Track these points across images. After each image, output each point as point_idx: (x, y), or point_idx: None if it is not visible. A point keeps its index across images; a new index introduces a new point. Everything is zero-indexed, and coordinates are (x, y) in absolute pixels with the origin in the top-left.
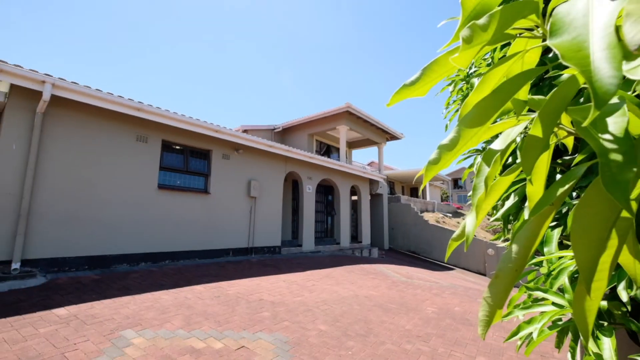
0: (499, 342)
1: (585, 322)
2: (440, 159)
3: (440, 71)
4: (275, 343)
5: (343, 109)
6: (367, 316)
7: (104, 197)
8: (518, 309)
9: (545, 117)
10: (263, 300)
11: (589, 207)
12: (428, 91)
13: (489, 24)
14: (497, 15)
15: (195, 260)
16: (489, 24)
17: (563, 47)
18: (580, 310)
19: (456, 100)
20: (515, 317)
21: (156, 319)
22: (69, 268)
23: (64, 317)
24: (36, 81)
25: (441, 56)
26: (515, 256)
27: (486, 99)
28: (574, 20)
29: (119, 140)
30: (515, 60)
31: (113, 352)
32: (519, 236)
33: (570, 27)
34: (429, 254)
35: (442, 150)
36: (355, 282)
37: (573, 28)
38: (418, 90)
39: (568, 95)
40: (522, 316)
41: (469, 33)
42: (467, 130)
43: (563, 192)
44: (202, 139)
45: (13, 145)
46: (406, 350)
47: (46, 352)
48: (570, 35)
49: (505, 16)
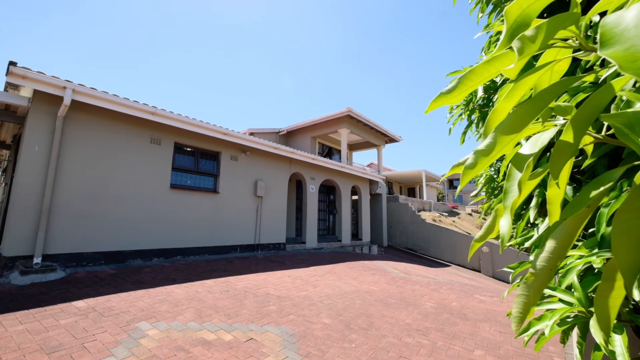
0: (495, 336)
1: (607, 319)
2: (476, 164)
3: (476, 80)
4: (282, 335)
5: (344, 113)
6: (369, 310)
7: (119, 196)
8: None
9: (578, 123)
10: (269, 294)
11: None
12: (463, 98)
13: (537, 35)
14: (544, 27)
15: (204, 256)
16: (536, 35)
17: (618, 57)
18: (602, 308)
19: (459, 106)
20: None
21: (169, 311)
22: (86, 263)
23: (83, 309)
24: (58, 87)
25: (478, 65)
26: (551, 256)
27: (523, 107)
28: (625, 31)
29: (134, 142)
30: (546, 70)
31: (129, 343)
32: (554, 236)
33: (622, 37)
34: (426, 251)
35: (478, 155)
36: (357, 277)
37: (625, 39)
38: (454, 98)
39: (602, 103)
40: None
41: (520, 44)
42: (503, 136)
43: (598, 194)
44: (211, 141)
45: (35, 147)
46: (407, 343)
47: (66, 342)
48: (623, 45)
49: (550, 27)
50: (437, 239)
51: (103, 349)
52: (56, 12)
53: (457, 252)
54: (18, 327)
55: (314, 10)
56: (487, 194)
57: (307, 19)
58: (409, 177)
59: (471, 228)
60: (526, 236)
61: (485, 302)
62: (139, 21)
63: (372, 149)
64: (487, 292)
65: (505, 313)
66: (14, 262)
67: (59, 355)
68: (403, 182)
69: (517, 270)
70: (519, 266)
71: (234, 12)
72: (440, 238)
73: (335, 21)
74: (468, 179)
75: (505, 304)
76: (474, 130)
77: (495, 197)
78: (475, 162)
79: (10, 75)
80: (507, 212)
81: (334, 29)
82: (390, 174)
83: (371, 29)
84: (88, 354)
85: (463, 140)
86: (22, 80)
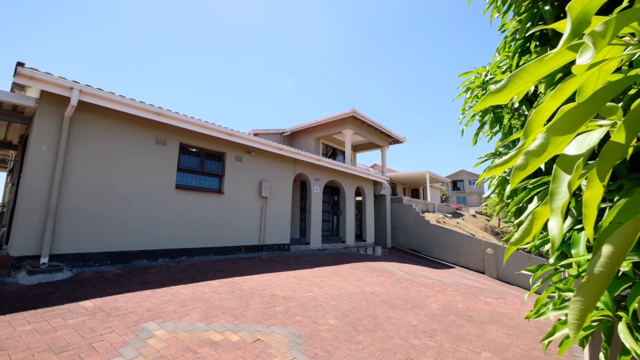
0: (502, 338)
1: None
2: (527, 165)
3: (528, 78)
4: (289, 337)
5: (349, 114)
6: (374, 312)
7: (125, 196)
8: (550, 310)
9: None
10: (275, 295)
11: None
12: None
13: (606, 31)
14: (613, 22)
15: (209, 256)
16: (606, 31)
17: None
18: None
19: (472, 107)
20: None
21: (176, 312)
22: (92, 263)
23: (90, 309)
24: (65, 87)
25: (530, 64)
26: (608, 261)
27: (579, 107)
28: None
29: (140, 143)
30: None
31: (137, 343)
32: (611, 241)
33: None
34: (430, 253)
35: (529, 156)
36: (361, 279)
37: None
38: (503, 97)
39: None
40: (552, 317)
41: (592, 39)
42: (556, 137)
43: None
44: (217, 142)
45: (43, 147)
46: (414, 345)
47: (75, 342)
48: None
49: (619, 23)
50: (441, 241)
51: (111, 349)
52: (57, 11)
53: (461, 253)
54: (26, 326)
55: (316, 10)
56: (499, 195)
57: (310, 20)
58: (412, 178)
59: (475, 230)
60: (545, 239)
61: (491, 304)
62: (142, 22)
63: (376, 150)
64: (493, 294)
65: (510, 315)
66: (21, 261)
67: (67, 355)
68: (407, 183)
69: (538, 274)
70: (538, 269)
71: (237, 13)
72: (444, 239)
73: (338, 22)
74: (518, 180)
75: (510, 306)
76: (486, 131)
77: (507, 199)
78: (526, 163)
79: (18, 76)
80: (557, 214)
81: (337, 30)
82: (394, 175)
83: (374, 29)
84: (96, 354)
85: (475, 141)
86: (29, 80)
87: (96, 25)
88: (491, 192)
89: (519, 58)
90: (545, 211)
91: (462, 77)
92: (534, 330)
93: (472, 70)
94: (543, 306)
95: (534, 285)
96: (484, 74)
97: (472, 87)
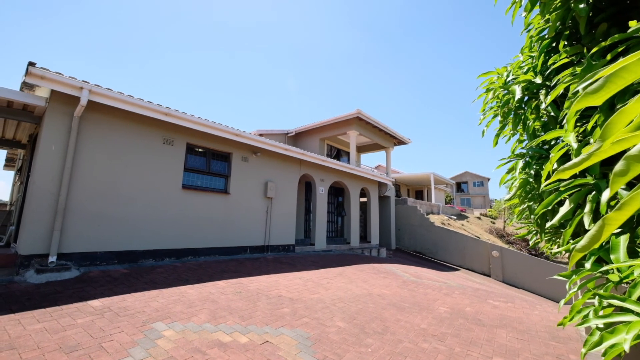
0: (513, 342)
1: None
2: (629, 170)
3: (627, 78)
4: (297, 339)
5: (353, 115)
6: (382, 314)
7: (132, 196)
8: (595, 317)
9: None
10: (282, 296)
11: None
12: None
13: None
14: None
15: (215, 256)
16: None
17: None
18: None
19: (492, 107)
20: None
21: (184, 312)
22: (99, 262)
23: (99, 309)
24: (75, 87)
25: (631, 62)
26: None
27: None
28: None
29: (147, 143)
30: None
31: (146, 344)
32: None
33: None
34: (434, 255)
35: (630, 161)
36: (367, 280)
37: None
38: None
39: None
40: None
41: None
42: None
43: None
44: (223, 142)
45: (52, 146)
46: (423, 349)
47: (84, 342)
48: None
49: None
50: (446, 243)
51: (121, 349)
52: (60, 11)
53: (466, 255)
54: (36, 325)
55: (321, 11)
56: (520, 197)
57: (315, 21)
58: (417, 180)
59: (480, 232)
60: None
61: (499, 308)
62: (144, 21)
63: (380, 151)
64: (501, 297)
65: (520, 319)
66: (29, 260)
67: (77, 355)
68: (411, 184)
69: (573, 280)
70: (572, 275)
71: (239, 13)
72: (449, 241)
73: (342, 23)
74: (618, 187)
75: (519, 310)
76: (505, 130)
77: (529, 201)
78: (627, 169)
79: (30, 75)
80: None
81: (341, 31)
82: (399, 176)
83: (379, 30)
84: (106, 354)
85: (496, 142)
86: (40, 80)
87: (98, 23)
88: (513, 195)
89: (545, 58)
90: (619, 217)
91: (481, 78)
92: (545, 335)
93: (492, 71)
94: (578, 313)
95: (570, 291)
96: (506, 74)
97: (494, 88)
